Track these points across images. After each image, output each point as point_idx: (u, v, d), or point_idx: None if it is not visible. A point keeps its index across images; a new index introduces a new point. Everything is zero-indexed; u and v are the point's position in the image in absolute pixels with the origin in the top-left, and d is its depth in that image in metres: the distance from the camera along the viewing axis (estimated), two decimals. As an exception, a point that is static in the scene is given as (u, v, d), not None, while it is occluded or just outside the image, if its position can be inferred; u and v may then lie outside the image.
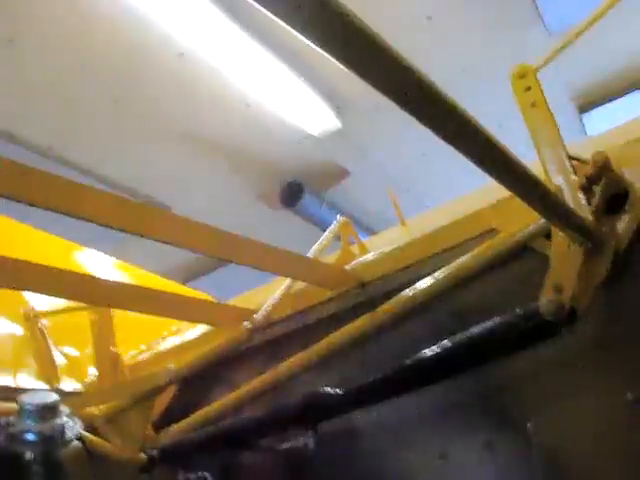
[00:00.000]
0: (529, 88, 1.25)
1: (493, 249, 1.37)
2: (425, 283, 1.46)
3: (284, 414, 1.48)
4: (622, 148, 1.27)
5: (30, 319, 1.96)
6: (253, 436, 1.61)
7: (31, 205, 1.19)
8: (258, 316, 1.74)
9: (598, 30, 1.29)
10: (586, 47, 5.04)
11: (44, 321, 1.99)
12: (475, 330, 1.19)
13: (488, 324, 1.17)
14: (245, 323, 1.73)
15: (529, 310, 1.12)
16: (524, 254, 1.34)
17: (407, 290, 1.48)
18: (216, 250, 1.47)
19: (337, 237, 1.96)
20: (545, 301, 1.07)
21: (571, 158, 1.21)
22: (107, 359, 1.92)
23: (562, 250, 1.12)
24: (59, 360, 1.99)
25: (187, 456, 1.76)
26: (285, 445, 1.56)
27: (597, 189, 1.15)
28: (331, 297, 1.70)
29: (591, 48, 4.99)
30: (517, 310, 1.14)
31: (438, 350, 1.23)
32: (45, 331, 1.98)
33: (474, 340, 1.19)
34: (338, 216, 2.01)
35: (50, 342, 1.98)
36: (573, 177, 1.17)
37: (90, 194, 1.24)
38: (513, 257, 1.36)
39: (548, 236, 1.25)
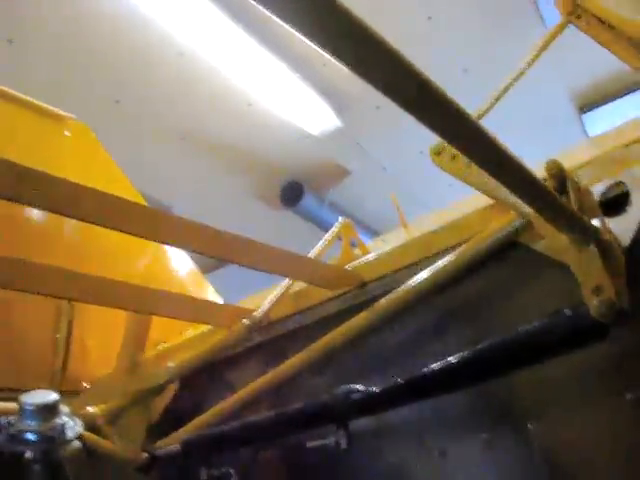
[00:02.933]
0: (454, 157, 1.26)
1: (480, 245, 1.38)
2: (420, 280, 1.46)
3: (315, 411, 1.46)
4: (622, 149, 1.27)
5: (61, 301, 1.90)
6: (280, 433, 1.60)
7: (30, 206, 1.19)
8: (258, 314, 1.74)
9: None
10: (586, 47, 5.04)
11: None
12: (521, 331, 1.18)
13: (535, 326, 1.16)
14: (244, 321, 1.73)
15: (577, 312, 1.11)
16: (516, 249, 1.34)
17: (403, 287, 1.48)
18: (216, 251, 1.47)
19: (338, 238, 1.95)
20: (596, 302, 1.05)
21: None
22: (131, 360, 1.90)
23: (575, 253, 1.11)
24: (77, 349, 1.96)
25: (210, 452, 1.75)
26: (314, 443, 1.54)
27: (570, 196, 1.15)
28: (331, 297, 1.70)
29: (591, 48, 4.98)
30: (565, 312, 1.13)
31: (480, 350, 1.22)
32: (73, 315, 1.93)
33: (519, 342, 1.18)
34: (340, 218, 2.00)
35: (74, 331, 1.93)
36: None
37: (90, 196, 1.24)
38: (506, 252, 1.37)
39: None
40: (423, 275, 1.46)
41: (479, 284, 1.44)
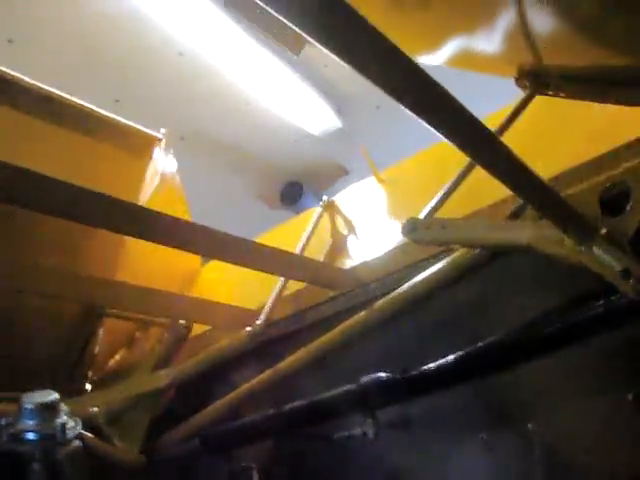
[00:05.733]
0: (428, 226, 1.26)
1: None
2: (420, 280, 1.46)
3: (342, 399, 1.46)
4: (622, 148, 1.27)
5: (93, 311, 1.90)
6: (305, 424, 1.59)
7: (25, 207, 1.19)
8: (260, 321, 1.74)
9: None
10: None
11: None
12: (556, 311, 1.19)
13: (570, 307, 1.17)
14: (247, 329, 1.73)
15: (610, 294, 1.11)
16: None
17: (403, 287, 1.48)
18: (216, 251, 1.47)
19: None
20: (630, 282, 1.05)
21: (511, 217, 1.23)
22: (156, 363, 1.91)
23: (584, 251, 1.11)
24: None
25: (232, 446, 1.73)
26: (340, 434, 1.53)
27: None
28: (331, 297, 1.70)
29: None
30: (599, 293, 1.13)
31: (515, 334, 1.22)
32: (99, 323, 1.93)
33: (555, 324, 1.19)
34: (325, 197, 1.98)
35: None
36: None
37: (88, 197, 1.23)
38: (505, 254, 1.37)
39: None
40: (424, 275, 1.46)
41: (481, 284, 1.44)
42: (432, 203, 1.29)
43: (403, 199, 1.65)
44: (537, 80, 1.26)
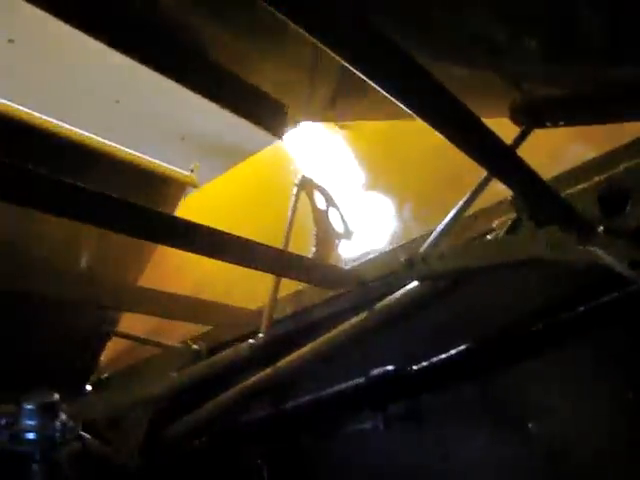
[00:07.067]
0: (424, 259, 1.27)
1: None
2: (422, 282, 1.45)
3: (350, 395, 1.45)
4: (622, 149, 1.27)
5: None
6: (314, 420, 1.58)
7: (24, 207, 1.19)
8: (261, 334, 1.74)
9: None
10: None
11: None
12: (572, 295, 1.21)
13: (587, 294, 1.18)
14: (250, 341, 1.73)
15: (623, 282, 1.11)
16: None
17: (406, 288, 1.47)
18: (215, 251, 1.47)
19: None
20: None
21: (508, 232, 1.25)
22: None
23: (587, 249, 1.13)
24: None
25: (241, 444, 1.73)
26: (348, 429, 1.53)
27: None
28: (331, 297, 1.70)
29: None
30: (612, 281, 1.14)
31: (516, 330, 1.23)
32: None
33: (573, 314, 1.20)
34: (300, 175, 1.90)
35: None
36: None
37: (87, 196, 1.23)
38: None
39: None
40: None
41: (482, 284, 1.43)
42: (436, 231, 1.29)
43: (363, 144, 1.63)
44: (530, 114, 1.27)
